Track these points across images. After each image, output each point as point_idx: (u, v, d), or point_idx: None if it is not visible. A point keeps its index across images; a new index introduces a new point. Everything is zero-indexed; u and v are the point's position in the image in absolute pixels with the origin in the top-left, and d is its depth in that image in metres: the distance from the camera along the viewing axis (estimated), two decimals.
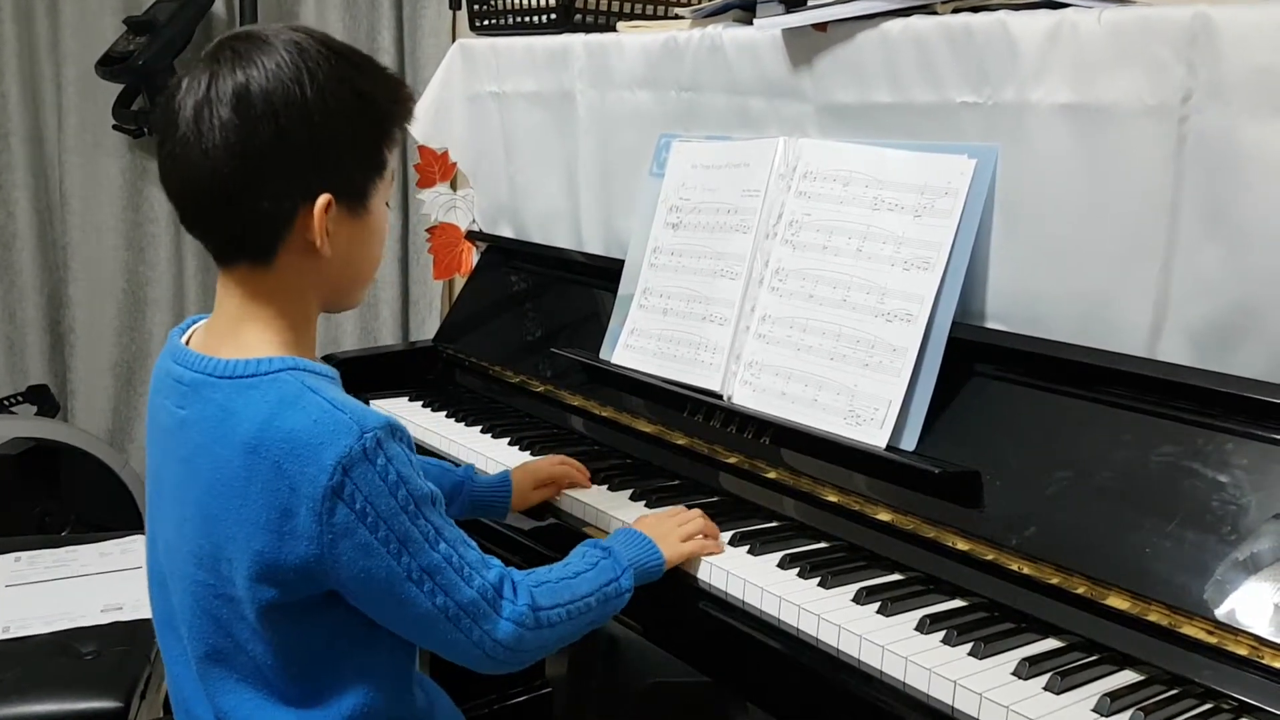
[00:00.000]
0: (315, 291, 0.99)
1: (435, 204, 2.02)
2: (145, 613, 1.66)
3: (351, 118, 0.95)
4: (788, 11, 1.36)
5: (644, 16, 1.87)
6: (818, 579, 1.11)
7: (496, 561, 0.99)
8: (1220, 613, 0.92)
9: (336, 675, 0.96)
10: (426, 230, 2.05)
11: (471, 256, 2.01)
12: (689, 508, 1.25)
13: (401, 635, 0.97)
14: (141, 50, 2.65)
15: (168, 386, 0.98)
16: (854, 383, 1.24)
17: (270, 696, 0.95)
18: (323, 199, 0.93)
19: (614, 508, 1.30)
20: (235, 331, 0.97)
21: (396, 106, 1.00)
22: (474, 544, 0.98)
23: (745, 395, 1.35)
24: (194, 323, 1.04)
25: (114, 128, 2.82)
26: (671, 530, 1.17)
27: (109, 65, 2.70)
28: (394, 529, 0.90)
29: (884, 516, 1.17)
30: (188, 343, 1.00)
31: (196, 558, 0.94)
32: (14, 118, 2.86)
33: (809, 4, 1.32)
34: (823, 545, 1.21)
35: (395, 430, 0.92)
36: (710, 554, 1.17)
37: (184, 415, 0.95)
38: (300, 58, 0.92)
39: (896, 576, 1.14)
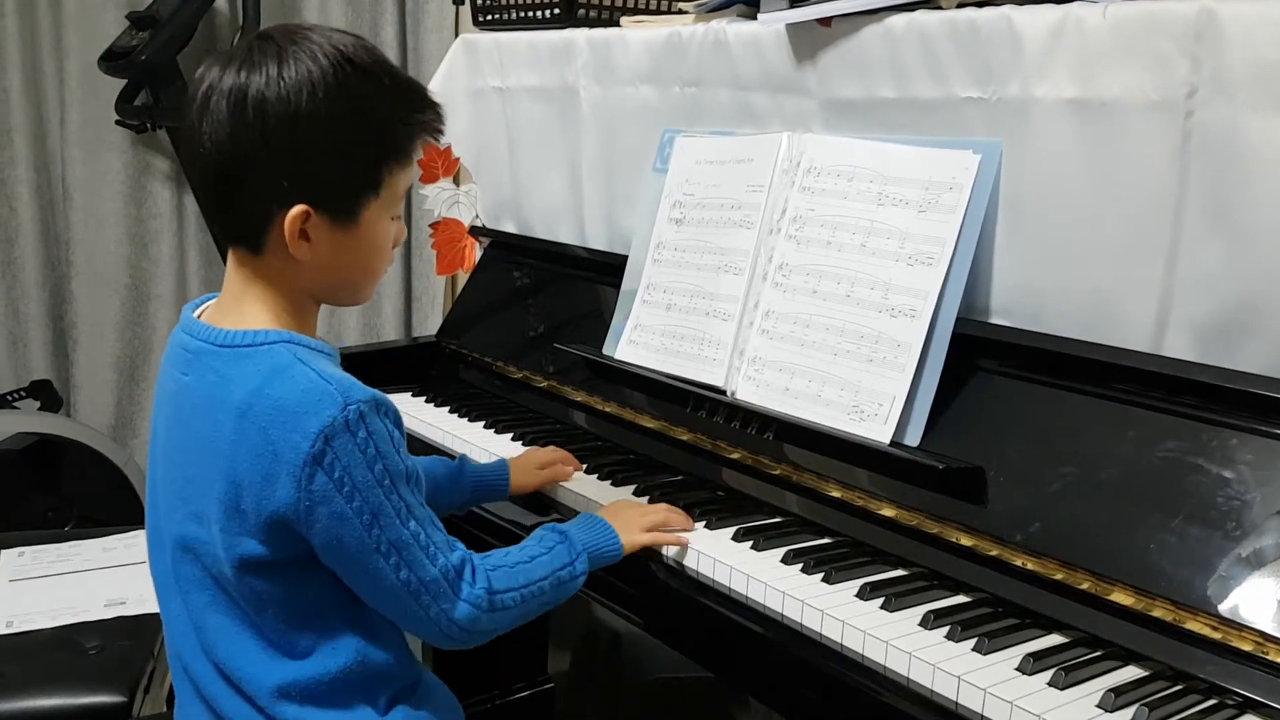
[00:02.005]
0: (304, 285, 1.01)
1: (438, 199, 2.02)
2: (149, 607, 1.67)
3: (346, 135, 0.95)
4: (792, 6, 1.36)
5: (648, 11, 1.86)
6: (821, 574, 1.11)
7: (460, 544, 1.02)
8: (1225, 608, 0.92)
9: (329, 628, 0.99)
10: (429, 226, 2.05)
11: (474, 252, 2.01)
12: (683, 505, 1.26)
13: (368, 603, 1.00)
14: (144, 45, 2.65)
15: (175, 355, 1.02)
16: (858, 378, 1.24)
17: (268, 646, 0.99)
18: (296, 209, 0.95)
19: None
20: (238, 307, 1.01)
21: (409, 128, 1.00)
22: (442, 526, 1.01)
23: (749, 391, 1.35)
24: (208, 299, 1.08)
25: (116, 123, 2.82)
26: (634, 519, 1.19)
27: (111, 60, 2.70)
28: (368, 501, 0.93)
29: (888, 512, 1.17)
30: (199, 316, 1.04)
31: (194, 516, 0.98)
32: (16, 113, 2.86)
33: None
34: (826, 541, 1.21)
35: (380, 405, 0.95)
36: (668, 545, 1.19)
37: (185, 381, 1.00)
38: (309, 66, 0.93)
39: (900, 572, 1.14)
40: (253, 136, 0.93)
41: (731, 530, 1.22)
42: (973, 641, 0.99)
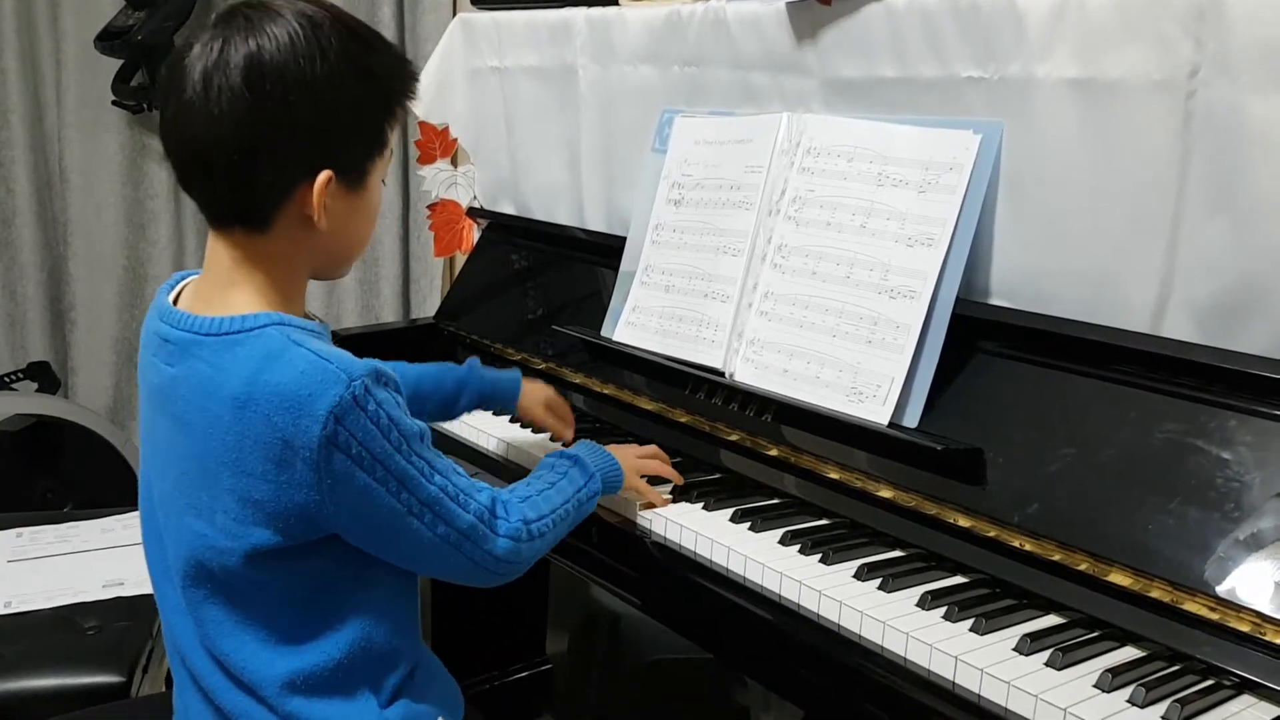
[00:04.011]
0: (307, 259, 1.01)
1: (436, 181, 2.01)
2: (147, 588, 1.65)
3: (357, 96, 0.96)
4: None
5: None
6: (819, 555, 1.11)
7: (484, 484, 1.03)
8: (1222, 590, 0.92)
9: (333, 614, 0.99)
10: (427, 207, 2.05)
11: (472, 233, 2.00)
12: (687, 481, 1.29)
13: (405, 567, 1.01)
14: (141, 25, 2.64)
15: (156, 344, 0.99)
16: (856, 360, 1.23)
17: (269, 637, 0.98)
18: (323, 175, 0.95)
19: None
20: (224, 293, 0.98)
21: (401, 84, 1.01)
22: (463, 471, 1.01)
23: (747, 372, 1.35)
24: (182, 279, 1.05)
25: (113, 103, 2.81)
26: (628, 452, 1.26)
27: (108, 40, 2.68)
28: (390, 469, 0.93)
29: (886, 493, 1.17)
30: (176, 300, 1.01)
31: (195, 509, 0.96)
32: (13, 94, 2.85)
33: None
34: (824, 522, 1.21)
35: (381, 375, 0.94)
36: (665, 473, 1.27)
37: (173, 373, 0.97)
38: (313, 33, 0.93)
39: (898, 553, 1.14)
40: (275, 107, 0.91)
41: (730, 511, 1.22)
42: (970, 622, 0.99)
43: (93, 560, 1.79)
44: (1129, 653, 0.96)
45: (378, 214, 1.06)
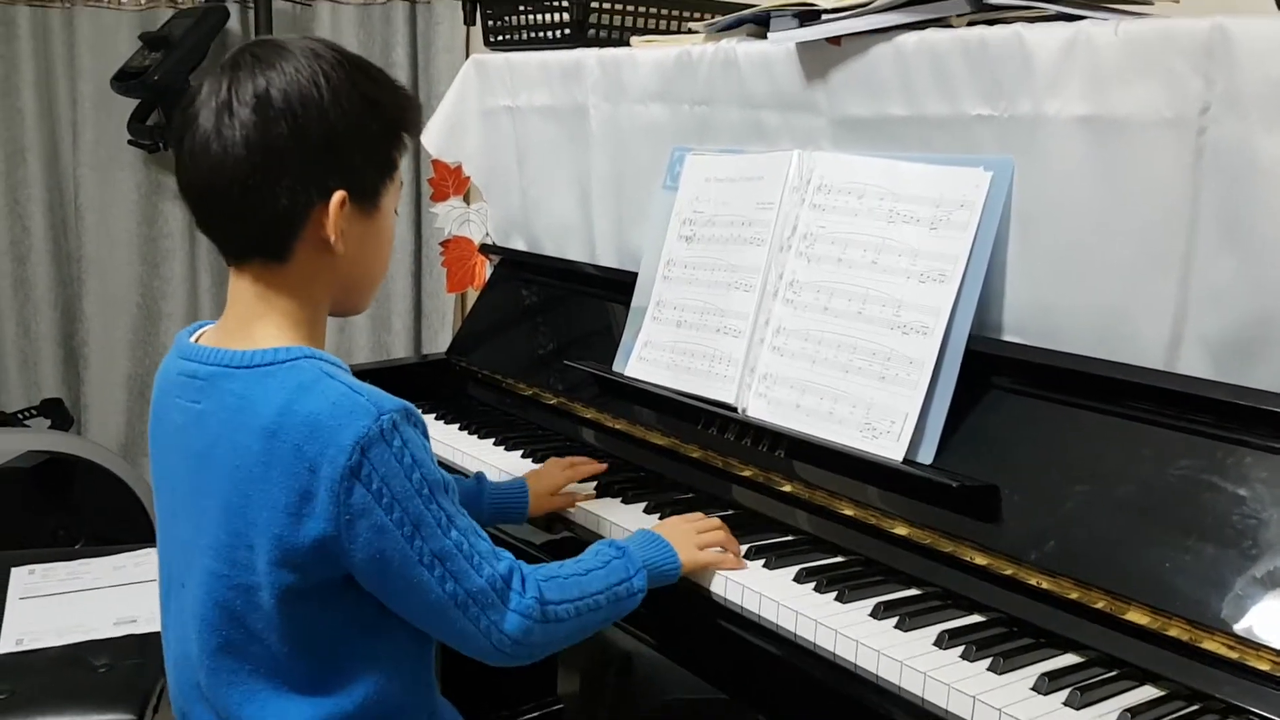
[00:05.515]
0: (326, 290, 1.02)
1: (449, 217, 2.02)
2: (158, 626, 1.66)
3: (363, 119, 0.98)
4: (801, 25, 1.36)
5: (658, 31, 1.87)
6: (835, 593, 1.11)
7: (508, 554, 1.00)
8: (1241, 628, 0.91)
9: (349, 663, 0.97)
10: (440, 244, 2.06)
11: (484, 270, 2.02)
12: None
13: (412, 622, 0.99)
14: (157, 66, 2.67)
15: (179, 384, 1.00)
16: (870, 396, 1.23)
17: (282, 686, 0.97)
18: (338, 195, 0.97)
19: (627, 521, 1.30)
20: (247, 328, 0.99)
21: (404, 114, 1.04)
22: (485, 536, 0.99)
23: (760, 408, 1.35)
24: (200, 327, 1.06)
25: (129, 143, 2.84)
26: (690, 536, 1.16)
27: (124, 80, 2.72)
28: (408, 511, 0.92)
29: (901, 530, 1.17)
30: (198, 342, 1.02)
31: (215, 550, 0.95)
32: (30, 133, 2.89)
33: (823, 18, 1.33)
34: (839, 559, 1.21)
35: (410, 415, 0.94)
36: (729, 568, 1.16)
37: (200, 409, 0.97)
38: (315, 62, 0.96)
39: (914, 591, 1.13)
40: (285, 129, 0.94)
41: (743, 549, 1.21)
42: (988, 661, 0.98)
43: (104, 597, 1.78)
44: (1148, 692, 0.95)
45: (392, 244, 1.07)
